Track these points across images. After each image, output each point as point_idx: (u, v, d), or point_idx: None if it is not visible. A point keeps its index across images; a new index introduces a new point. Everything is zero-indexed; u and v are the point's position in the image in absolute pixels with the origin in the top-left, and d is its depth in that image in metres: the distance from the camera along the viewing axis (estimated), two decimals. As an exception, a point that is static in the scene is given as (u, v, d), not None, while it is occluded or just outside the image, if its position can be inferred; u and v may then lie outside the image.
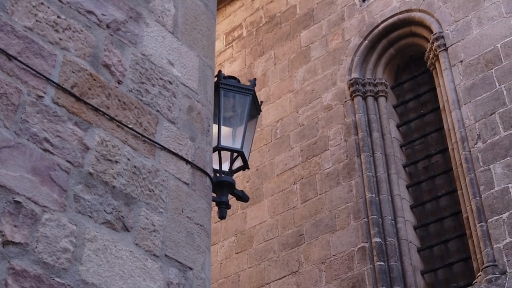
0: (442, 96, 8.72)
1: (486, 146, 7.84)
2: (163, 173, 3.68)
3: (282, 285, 8.91)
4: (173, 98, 3.96)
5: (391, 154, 8.98)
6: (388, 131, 9.18)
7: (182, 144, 3.89)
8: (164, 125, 3.82)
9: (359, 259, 8.30)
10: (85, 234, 3.13)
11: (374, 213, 8.47)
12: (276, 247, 9.25)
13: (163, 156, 3.73)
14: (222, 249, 9.91)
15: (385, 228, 8.39)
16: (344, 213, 8.74)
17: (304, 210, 9.18)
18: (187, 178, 3.82)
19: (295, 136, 9.87)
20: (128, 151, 3.53)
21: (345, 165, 9.05)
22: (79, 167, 3.25)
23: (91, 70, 3.53)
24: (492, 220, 7.41)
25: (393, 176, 8.79)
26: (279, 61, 10.76)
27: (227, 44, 11.84)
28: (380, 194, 8.64)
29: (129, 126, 3.60)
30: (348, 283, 8.27)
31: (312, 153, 9.52)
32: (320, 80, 10.01)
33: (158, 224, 3.50)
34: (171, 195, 3.66)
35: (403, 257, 8.19)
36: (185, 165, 3.85)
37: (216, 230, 10.14)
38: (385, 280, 8.03)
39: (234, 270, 9.57)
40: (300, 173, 9.52)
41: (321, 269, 8.62)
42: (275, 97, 10.49)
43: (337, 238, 8.64)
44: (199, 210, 3.81)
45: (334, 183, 9.04)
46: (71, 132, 3.29)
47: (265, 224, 9.56)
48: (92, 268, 3.09)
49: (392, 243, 8.26)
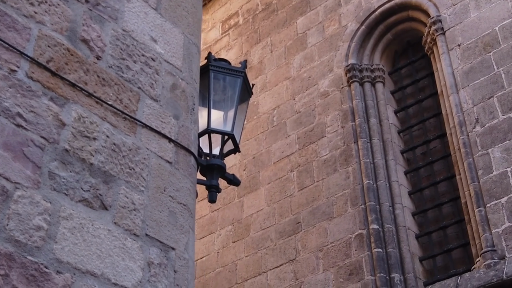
0: (440, 81, 8.58)
1: (485, 130, 7.71)
2: (145, 151, 3.57)
3: (279, 273, 8.80)
4: (155, 75, 3.85)
5: (389, 140, 8.85)
6: (386, 117, 9.05)
7: (165, 122, 3.78)
8: (146, 103, 3.71)
9: (357, 246, 8.19)
10: (60, 212, 3.03)
11: (372, 200, 8.35)
12: (273, 235, 9.14)
13: (144, 134, 3.62)
14: (219, 238, 9.81)
15: (382, 214, 8.27)
16: (341, 200, 8.62)
17: (301, 198, 9.07)
18: (170, 157, 3.71)
19: (292, 123, 9.75)
20: (107, 128, 3.42)
21: (342, 151, 8.93)
22: (54, 143, 3.14)
23: (68, 45, 3.42)
24: (491, 204, 7.29)
25: (390, 162, 8.67)
26: (276, 48, 10.63)
27: (223, 32, 11.72)
28: (378, 181, 8.52)
29: (109, 103, 3.49)
30: (345, 270, 8.16)
31: (309, 140, 9.40)
32: (317, 66, 9.88)
33: (139, 203, 3.40)
34: (152, 173, 3.55)
35: (401, 243, 8.07)
36: (168, 144, 3.74)
37: (213, 219, 10.05)
38: (383, 267, 7.92)
39: (231, 259, 9.46)
40: (297, 160, 9.40)
41: (318, 256, 8.51)
42: (271, 85, 10.37)
43: (335, 226, 8.53)
44: (182, 189, 3.70)
45: (331, 170, 8.93)
46: (46, 108, 3.18)
47: (262, 212, 9.45)
48: (68, 247, 2.99)
49: (390, 229, 8.15)
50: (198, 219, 10.24)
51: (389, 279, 7.85)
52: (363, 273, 7.98)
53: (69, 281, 2.93)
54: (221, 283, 9.41)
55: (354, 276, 8.04)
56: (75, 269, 2.98)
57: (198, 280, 9.75)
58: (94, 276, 3.04)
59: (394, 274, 7.85)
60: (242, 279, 9.19)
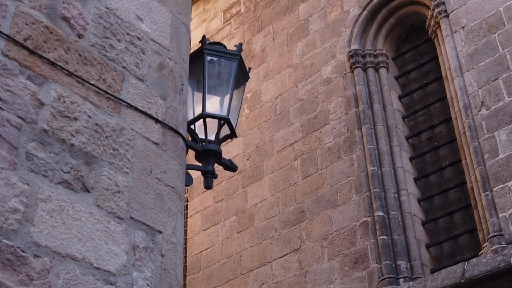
0: (444, 64, 8.41)
1: (490, 113, 7.54)
2: (129, 132, 3.44)
3: (284, 263, 8.68)
4: (141, 55, 3.72)
5: (393, 126, 8.69)
6: (390, 103, 8.89)
7: (152, 103, 3.65)
8: (131, 82, 3.59)
9: (362, 233, 8.05)
10: (38, 194, 2.91)
11: (376, 187, 8.20)
12: (277, 225, 9.01)
13: (129, 114, 3.49)
14: (223, 229, 9.69)
15: (387, 201, 8.12)
16: (345, 187, 8.48)
17: (305, 186, 8.93)
18: (156, 138, 3.58)
19: (295, 111, 9.61)
20: (89, 108, 3.30)
21: (346, 138, 8.78)
22: (32, 123, 3.02)
23: (48, 23, 3.29)
24: (497, 188, 7.12)
25: (395, 148, 8.51)
26: (278, 36, 10.49)
27: (225, 21, 11.58)
28: (382, 167, 8.36)
29: (91, 82, 3.36)
30: (351, 258, 8.02)
31: (313, 127, 9.26)
32: (319, 53, 9.72)
33: (123, 184, 3.27)
34: (138, 154, 3.43)
35: (406, 230, 7.92)
36: (155, 124, 3.61)
37: (217, 210, 9.93)
38: (389, 254, 7.77)
39: (236, 250, 9.34)
40: (300, 148, 9.26)
41: (323, 245, 8.37)
42: (274, 73, 10.23)
43: (339, 213, 8.39)
44: (170, 171, 3.57)
45: (335, 157, 8.78)
46: (23, 87, 3.06)
47: (266, 202, 9.32)
48: (46, 230, 2.87)
49: (395, 216, 8.00)
50: (202, 210, 10.14)
51: (395, 267, 7.71)
52: (369, 261, 7.84)
53: (48, 265, 2.81)
54: (226, 274, 9.30)
55: (360, 264, 7.90)
56: (54, 252, 2.86)
57: (203, 271, 9.64)
58: (75, 260, 2.92)
59: (400, 262, 7.70)
60: (247, 269, 9.07)
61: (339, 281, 8.00)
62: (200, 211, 10.19)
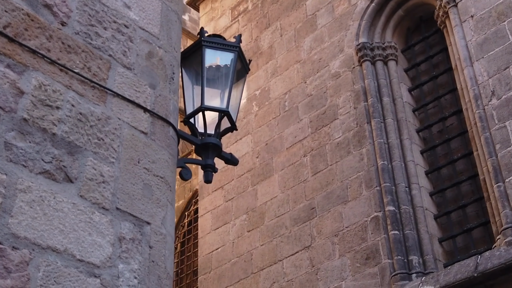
0: (454, 55, 8.24)
1: (501, 102, 7.36)
2: (116, 121, 3.34)
3: (295, 261, 8.54)
4: (129, 43, 3.62)
5: (403, 119, 8.53)
6: (399, 96, 8.73)
7: (140, 91, 3.55)
8: (117, 71, 3.48)
9: (373, 229, 7.90)
10: (17, 184, 2.81)
11: (387, 181, 8.05)
12: (287, 222, 8.88)
13: (116, 103, 3.39)
14: (234, 228, 9.57)
15: (398, 195, 7.97)
16: (355, 182, 8.33)
17: (315, 183, 8.80)
18: (145, 127, 3.48)
19: (304, 107, 9.48)
20: (73, 97, 3.20)
21: (355, 133, 8.64)
22: (11, 112, 2.92)
23: (28, 10, 3.20)
24: (510, 179, 6.94)
25: (405, 142, 8.35)
26: (286, 32, 10.36)
27: (233, 19, 11.48)
28: (393, 161, 8.21)
29: (75, 71, 3.26)
30: (362, 255, 7.87)
31: (322, 123, 9.12)
32: (327, 47, 9.59)
33: (108, 175, 3.17)
34: (125, 144, 3.32)
35: (418, 225, 7.76)
36: (143, 113, 3.51)
37: (227, 209, 9.82)
38: (400, 249, 7.61)
39: (247, 249, 9.23)
40: (310, 144, 9.13)
41: (334, 242, 8.23)
42: (282, 69, 10.10)
43: (350, 209, 8.24)
44: (159, 161, 3.46)
45: (345, 152, 8.64)
46: (2, 75, 2.96)
47: (276, 199, 9.19)
48: (25, 221, 2.77)
49: (406, 211, 7.84)
50: (213, 209, 10.03)
51: (407, 262, 7.54)
52: (380, 256, 7.68)
53: (27, 257, 2.71)
54: (237, 273, 9.18)
55: (371, 260, 7.75)
56: (34, 244, 2.76)
57: (214, 271, 9.53)
58: (56, 252, 2.82)
59: (412, 257, 7.54)
60: (258, 268, 8.95)
61: (350, 277, 7.85)
62: (210, 210, 10.08)
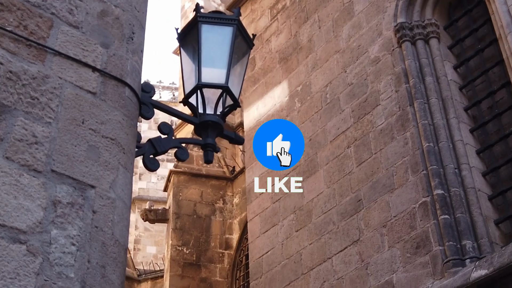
0: (497, 24, 7.64)
1: (549, 65, 6.73)
2: (56, 80, 3.04)
3: (344, 257, 8.05)
4: (76, 1, 3.33)
5: (449, 97, 7.95)
6: (443, 74, 8.15)
7: (89, 50, 3.25)
8: (61, 29, 3.19)
9: (422, 216, 7.33)
10: None
11: (434, 164, 7.48)
12: (335, 217, 8.41)
13: (57, 61, 3.10)
14: (282, 229, 9.17)
15: (447, 178, 7.38)
16: (401, 168, 7.79)
17: (360, 173, 8.31)
18: (93, 87, 3.17)
19: (345, 97, 9.02)
20: (2, 55, 2.92)
21: (398, 117, 8.11)
22: None
23: (-48, -34, 2.96)
24: None
25: (452, 121, 7.76)
26: (324, 23, 9.95)
27: (272, 18, 11.17)
28: (439, 142, 7.64)
29: (8, 29, 2.99)
30: (411, 244, 7.31)
31: (364, 111, 8.64)
32: (366, 33, 9.11)
33: (42, 135, 2.87)
34: (66, 104, 3.02)
35: (471, 207, 7.15)
36: (91, 73, 3.20)
37: (275, 210, 9.44)
38: (452, 234, 7.02)
39: (296, 249, 8.79)
40: (353, 135, 8.65)
41: (382, 233, 7.70)
42: (322, 61, 9.69)
43: (397, 197, 7.71)
44: (110, 122, 3.14)
45: (389, 138, 8.12)
46: None
47: (322, 195, 8.74)
48: None
49: (456, 193, 7.24)
50: (261, 212, 9.67)
51: (460, 247, 6.95)
52: (431, 244, 7.11)
53: None
54: (287, 275, 8.75)
55: (422, 249, 7.18)
56: None
57: (265, 276, 9.14)
58: (-29, 216, 2.53)
59: (466, 241, 6.94)
60: (307, 268, 8.50)
61: (401, 269, 7.30)
62: (259, 213, 9.71)
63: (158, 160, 4.01)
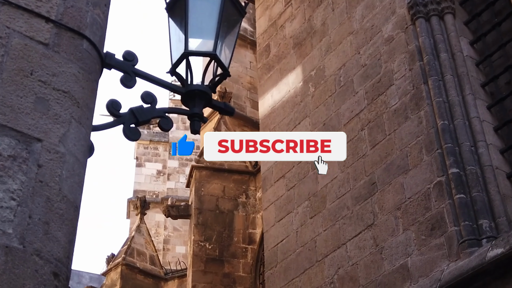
0: (514, -6, 7.31)
1: None
2: (3, 29, 2.85)
3: (359, 241, 7.77)
4: (31, -50, 3.13)
5: (464, 74, 7.61)
6: (459, 50, 7.82)
7: (43, 1, 3.05)
8: (13, -21, 3.00)
9: (436, 196, 7.02)
10: None
11: (448, 142, 7.16)
12: (349, 202, 8.13)
13: (5, 11, 2.90)
14: (297, 217, 8.91)
15: (463, 156, 7.06)
16: (415, 149, 7.48)
17: (374, 156, 8.01)
18: (45, 38, 2.96)
19: (359, 78, 8.73)
20: None
21: (412, 96, 7.80)
22: None
23: None
24: None
25: (468, 98, 7.43)
26: (337, 5, 9.67)
27: (286, 3, 10.92)
28: (454, 120, 7.31)
29: None
30: (426, 225, 7.00)
31: (377, 92, 8.34)
32: (379, 12, 8.82)
33: (-17, 84, 2.67)
34: (12, 54, 2.81)
35: (488, 185, 6.82)
36: (44, 24, 2.99)
37: (290, 198, 9.18)
38: (468, 214, 6.70)
39: (310, 236, 8.52)
40: (366, 117, 8.36)
41: (397, 216, 7.40)
42: (335, 44, 9.40)
43: (411, 178, 7.40)
44: (63, 74, 2.93)
45: (403, 118, 7.81)
46: None
47: (336, 180, 8.46)
48: None
49: (472, 171, 6.92)
50: (276, 200, 9.42)
51: (477, 227, 6.62)
52: (446, 225, 6.80)
53: None
54: (302, 263, 8.49)
55: (437, 230, 6.87)
56: None
57: (280, 265, 8.89)
58: None
59: (482, 221, 6.61)
60: (322, 255, 8.22)
61: (416, 252, 7.00)
62: (273, 202, 9.47)
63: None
